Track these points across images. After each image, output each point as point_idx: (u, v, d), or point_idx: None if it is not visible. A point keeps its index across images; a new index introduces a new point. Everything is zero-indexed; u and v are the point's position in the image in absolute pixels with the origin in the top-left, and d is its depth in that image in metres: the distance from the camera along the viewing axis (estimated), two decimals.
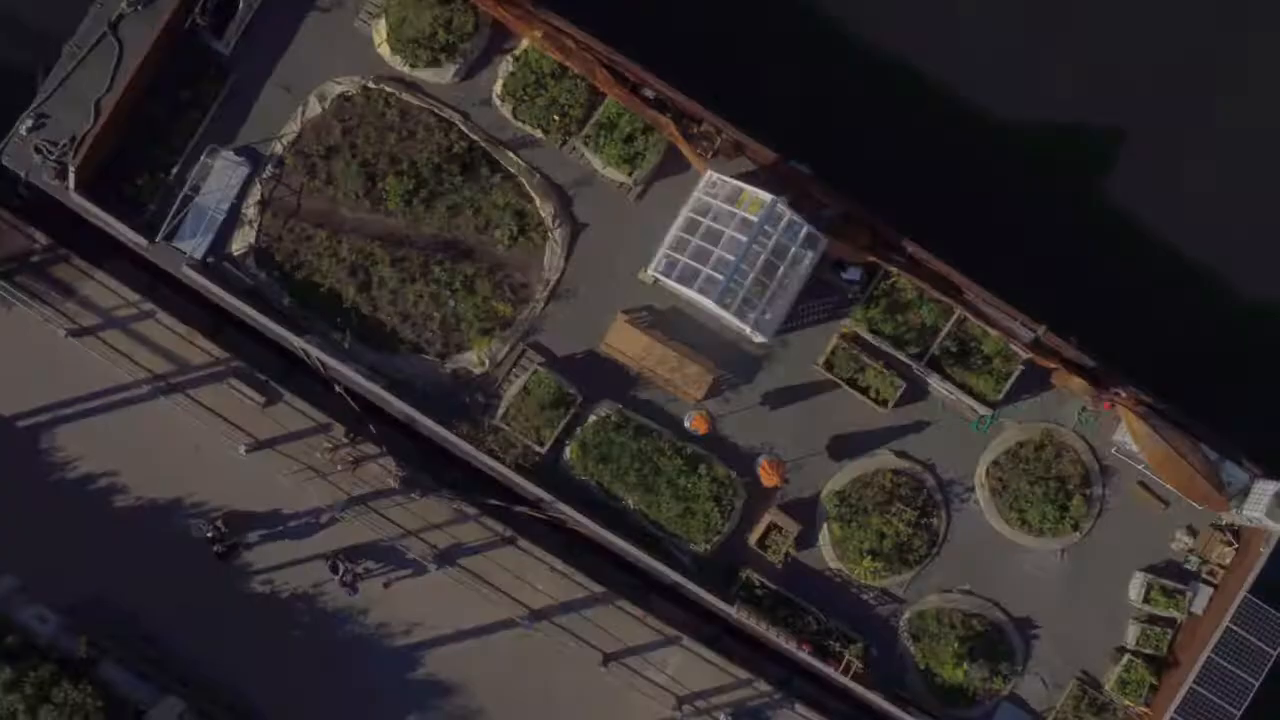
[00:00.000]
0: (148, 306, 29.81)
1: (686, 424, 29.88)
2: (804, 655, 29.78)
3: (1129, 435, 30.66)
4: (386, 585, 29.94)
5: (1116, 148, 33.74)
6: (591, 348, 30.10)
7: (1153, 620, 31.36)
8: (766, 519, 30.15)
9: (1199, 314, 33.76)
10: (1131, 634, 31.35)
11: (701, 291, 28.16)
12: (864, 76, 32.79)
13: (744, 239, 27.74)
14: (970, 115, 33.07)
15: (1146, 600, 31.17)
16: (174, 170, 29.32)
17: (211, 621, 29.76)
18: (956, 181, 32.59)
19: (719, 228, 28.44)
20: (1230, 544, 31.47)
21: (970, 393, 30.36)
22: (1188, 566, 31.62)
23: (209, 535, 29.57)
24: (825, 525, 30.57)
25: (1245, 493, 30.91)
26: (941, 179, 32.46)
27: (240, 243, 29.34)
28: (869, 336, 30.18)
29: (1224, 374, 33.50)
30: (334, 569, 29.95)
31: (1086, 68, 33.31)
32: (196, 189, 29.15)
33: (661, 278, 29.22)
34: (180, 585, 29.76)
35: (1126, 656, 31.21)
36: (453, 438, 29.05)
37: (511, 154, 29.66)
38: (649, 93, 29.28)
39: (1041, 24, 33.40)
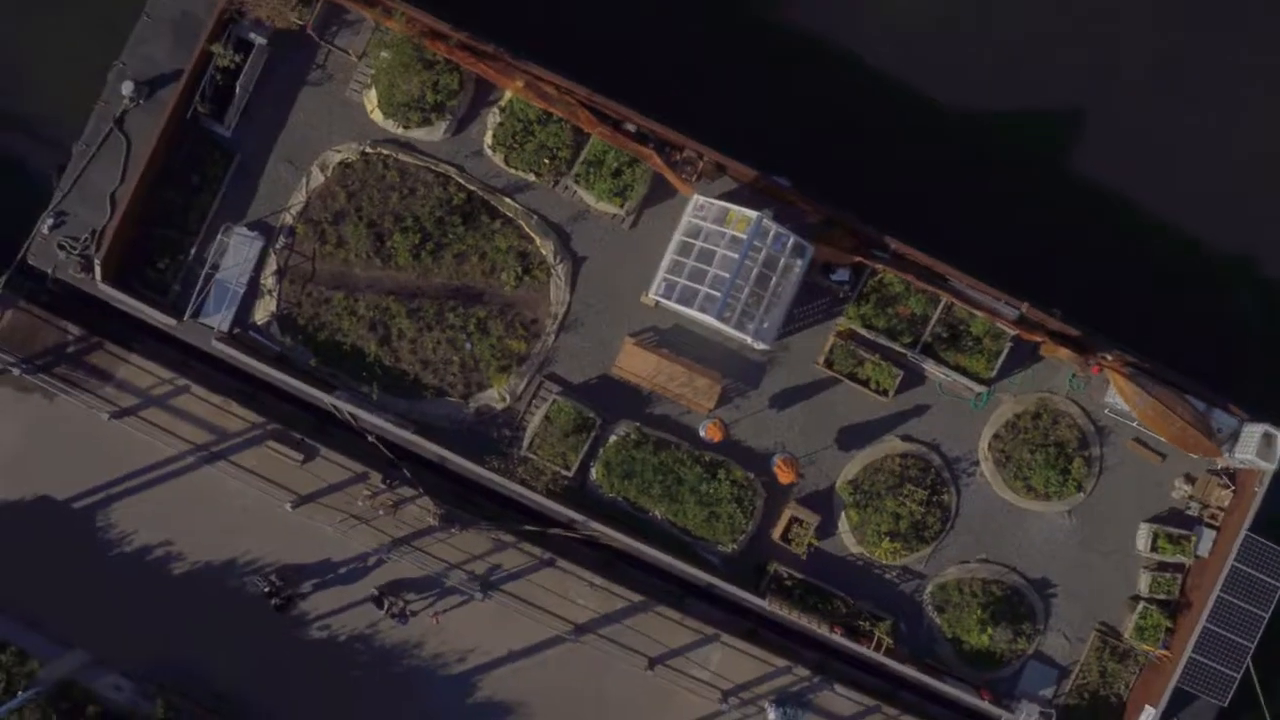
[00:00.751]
0: (182, 382, 31.00)
1: (701, 433, 30.91)
2: (836, 638, 30.93)
3: (1119, 396, 31.67)
4: (436, 618, 31.37)
5: (1064, 120, 34.74)
6: (604, 372, 31.14)
7: (1162, 567, 32.37)
8: (787, 514, 31.18)
9: (1171, 271, 34.66)
10: (1143, 582, 32.37)
11: (701, 309, 29.20)
12: (828, 85, 33.75)
13: (735, 256, 28.80)
14: (922, 105, 33.97)
15: (1154, 549, 32.15)
16: (192, 251, 30.52)
17: (277, 671, 31.12)
18: (924, 174, 33.53)
19: (711, 247, 29.47)
20: (1227, 487, 32.55)
21: (964, 373, 31.44)
22: (1189, 512, 32.66)
23: (265, 590, 31.01)
24: (843, 513, 31.67)
25: (1235, 437, 31.97)
26: (909, 174, 33.42)
27: (263, 312, 30.60)
28: (864, 331, 31.17)
29: (1196, 326, 34.54)
30: (379, 604, 31.18)
31: (1013, 43, 34.34)
32: (216, 266, 30.35)
33: (662, 300, 30.25)
34: (244, 641, 31.14)
35: (1141, 604, 32.25)
36: (484, 472, 30.25)
37: (508, 199, 30.81)
38: (630, 127, 30.39)
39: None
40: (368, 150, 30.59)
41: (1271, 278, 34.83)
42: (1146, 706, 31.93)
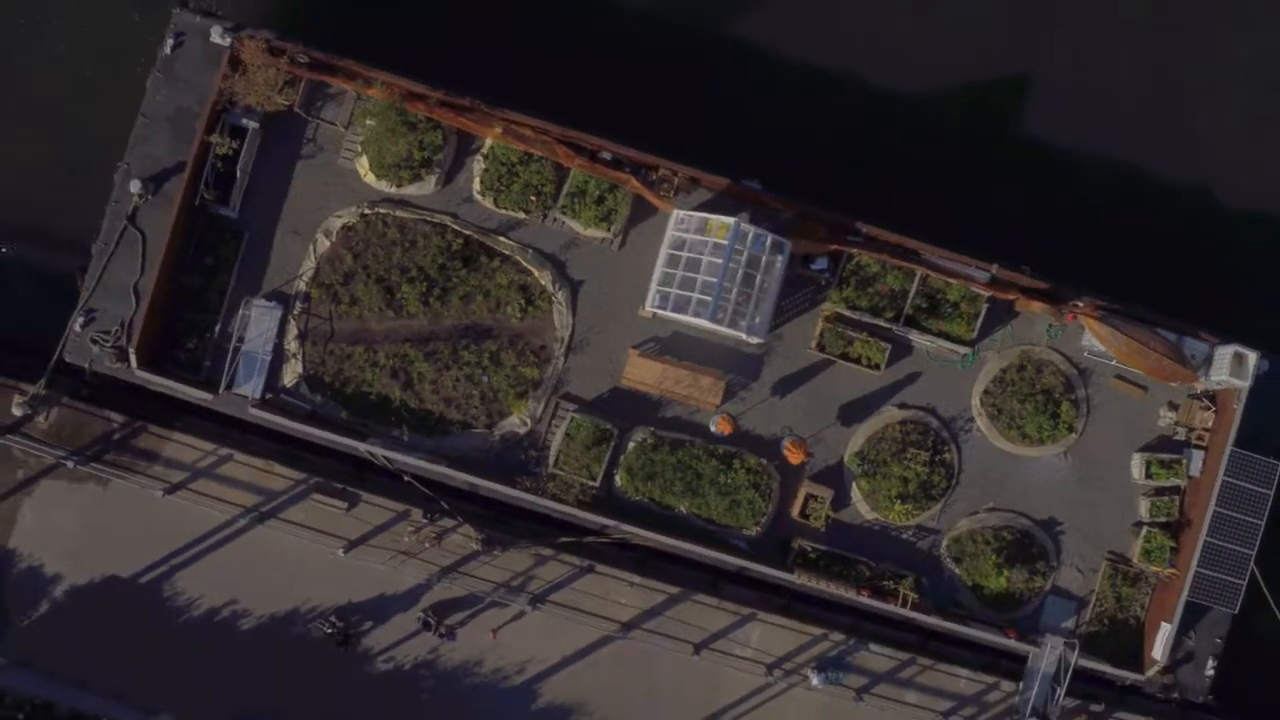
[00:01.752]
0: (225, 451, 32.83)
1: (712, 429, 32.52)
2: (865, 600, 32.49)
3: (1095, 338, 33.19)
4: (493, 634, 33.20)
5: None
6: (615, 385, 32.73)
7: (1159, 492, 33.78)
8: (802, 492, 32.76)
9: (1123, 211, 36.59)
10: (1143, 508, 33.77)
11: (695, 314, 30.81)
12: (779, 86, 35.91)
13: (720, 260, 30.38)
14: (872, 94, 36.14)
15: (1149, 476, 33.57)
16: (217, 327, 32.30)
17: (351, 708, 33.00)
18: (882, 156, 35.67)
19: (696, 256, 31.01)
20: (1208, 409, 33.79)
21: (948, 338, 32.93)
22: (1177, 438, 33.96)
23: (328, 631, 32.99)
24: (854, 484, 33.26)
25: (1209, 361, 33.25)
26: (868, 158, 35.59)
27: (291, 375, 32.45)
28: (849, 313, 32.64)
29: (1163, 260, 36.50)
30: (426, 625, 32.93)
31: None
32: (241, 339, 32.03)
33: (658, 311, 31.87)
34: (315, 684, 33.01)
35: (1144, 529, 33.67)
36: (517, 493, 31.99)
37: (502, 238, 32.57)
38: (606, 155, 32.12)
39: None
40: (366, 211, 32.38)
41: (1220, 201, 36.64)
42: (1163, 623, 33.26)
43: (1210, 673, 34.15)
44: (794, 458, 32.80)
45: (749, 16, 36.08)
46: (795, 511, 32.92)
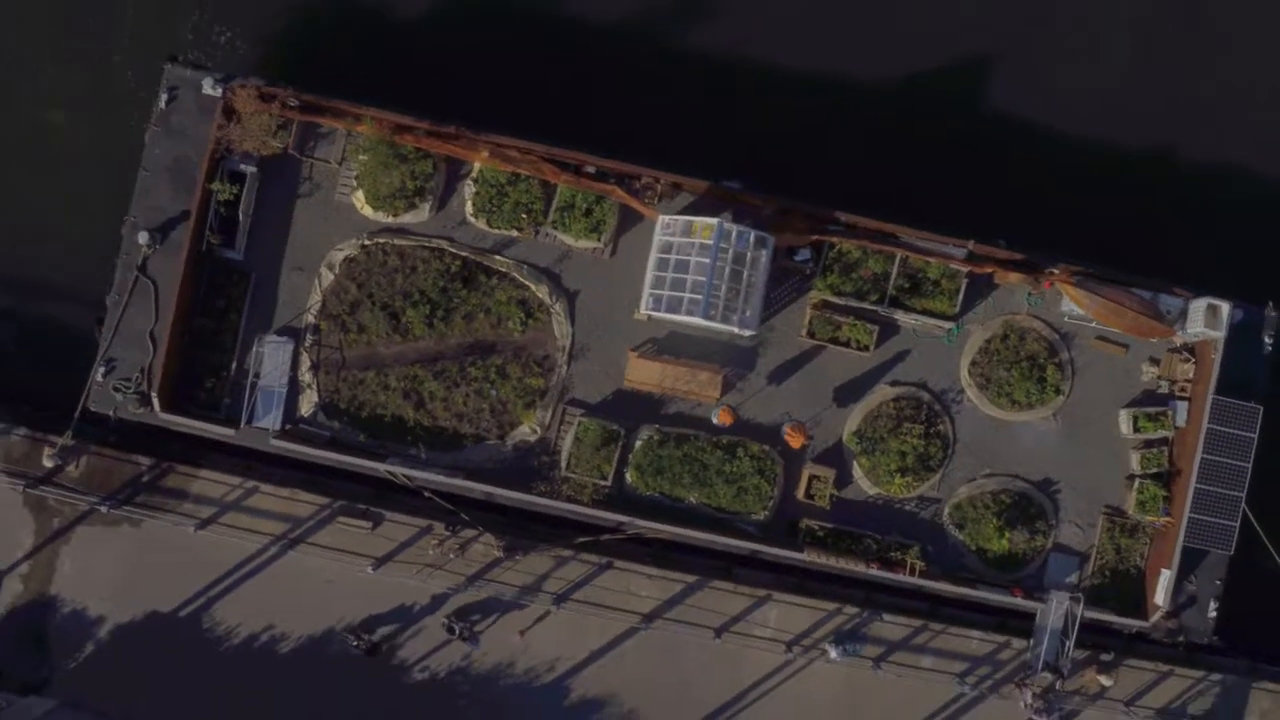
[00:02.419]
0: (251, 484, 33.96)
1: (714, 421, 33.63)
2: (874, 572, 33.57)
3: (1073, 303, 34.11)
4: (521, 635, 34.54)
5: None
6: (618, 387, 33.81)
7: (1148, 444, 34.57)
8: (805, 474, 33.83)
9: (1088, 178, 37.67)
10: (1135, 461, 34.58)
11: (688, 313, 31.74)
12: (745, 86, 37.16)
13: (707, 260, 31.38)
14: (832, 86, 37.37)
15: (1137, 430, 34.35)
16: (233, 365, 33.47)
17: (392, 719, 34.30)
18: (852, 145, 36.85)
19: (684, 258, 31.93)
20: (1188, 360, 34.55)
21: (932, 314, 33.95)
22: (1161, 391, 34.79)
23: (354, 644, 33.98)
24: (854, 462, 34.32)
25: (1184, 314, 34.07)
26: (838, 149, 36.77)
27: (307, 405, 33.66)
28: (835, 299, 33.63)
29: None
30: (450, 631, 34.14)
31: None
32: (257, 374, 33.15)
33: (653, 313, 32.82)
34: (355, 697, 34.17)
35: (1137, 481, 34.47)
36: (533, 498, 33.17)
37: (498, 257, 33.74)
38: (590, 169, 33.17)
39: None
40: (366, 242, 33.58)
41: (1180, 160, 37.86)
42: (1162, 570, 34.19)
43: (1213, 614, 34.97)
44: (795, 442, 33.96)
45: (699, 22, 37.18)
46: (800, 493, 33.96)
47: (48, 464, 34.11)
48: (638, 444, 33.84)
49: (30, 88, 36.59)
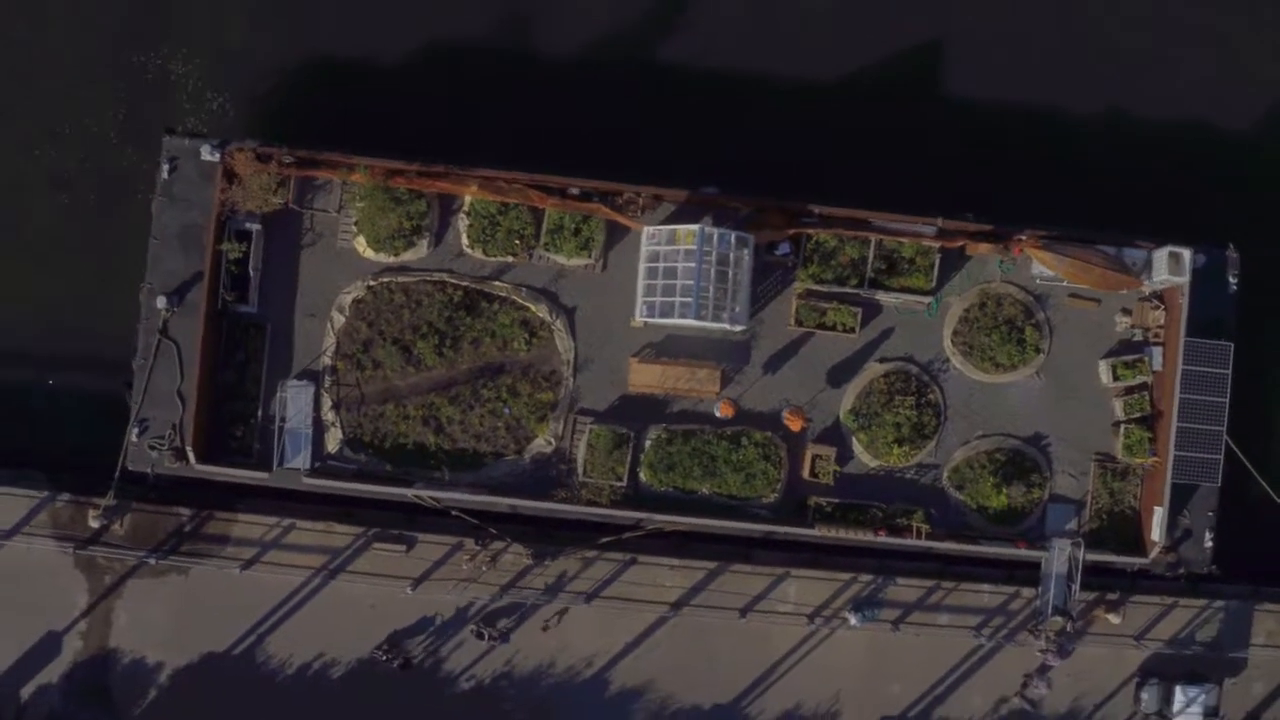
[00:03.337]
0: (287, 521, 35.56)
1: (716, 414, 34.89)
2: (883, 540, 34.83)
3: (1042, 266, 35.38)
4: (545, 627, 35.94)
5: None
6: (623, 393, 35.12)
7: (1129, 391, 35.64)
8: (808, 454, 35.07)
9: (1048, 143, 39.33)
10: (1118, 408, 35.68)
11: (681, 316, 33.08)
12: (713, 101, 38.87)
13: (693, 264, 32.80)
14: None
15: (1117, 378, 35.47)
16: (259, 413, 35.09)
17: None
18: (817, 140, 38.50)
19: (672, 264, 33.21)
20: (1158, 307, 35.63)
21: (910, 291, 35.07)
22: (1136, 339, 35.91)
23: (384, 660, 35.59)
24: (853, 438, 35.58)
25: (1148, 265, 35.23)
26: (803, 143, 38.39)
27: (333, 442, 35.23)
28: (817, 287, 34.87)
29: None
30: (479, 635, 35.77)
31: None
32: (283, 418, 34.69)
33: (648, 319, 34.40)
34: (409, 713, 35.85)
35: (1122, 427, 35.58)
36: (555, 505, 34.73)
37: (497, 283, 35.26)
38: (574, 191, 34.60)
39: None
40: (372, 283, 35.14)
41: (1128, 117, 39.48)
42: (1155, 508, 35.30)
43: (1209, 544, 36.09)
44: (794, 425, 35.36)
45: (656, 42, 38.87)
46: (805, 473, 35.19)
47: (94, 525, 35.78)
48: (648, 444, 35.32)
49: (33, 172, 38.19)
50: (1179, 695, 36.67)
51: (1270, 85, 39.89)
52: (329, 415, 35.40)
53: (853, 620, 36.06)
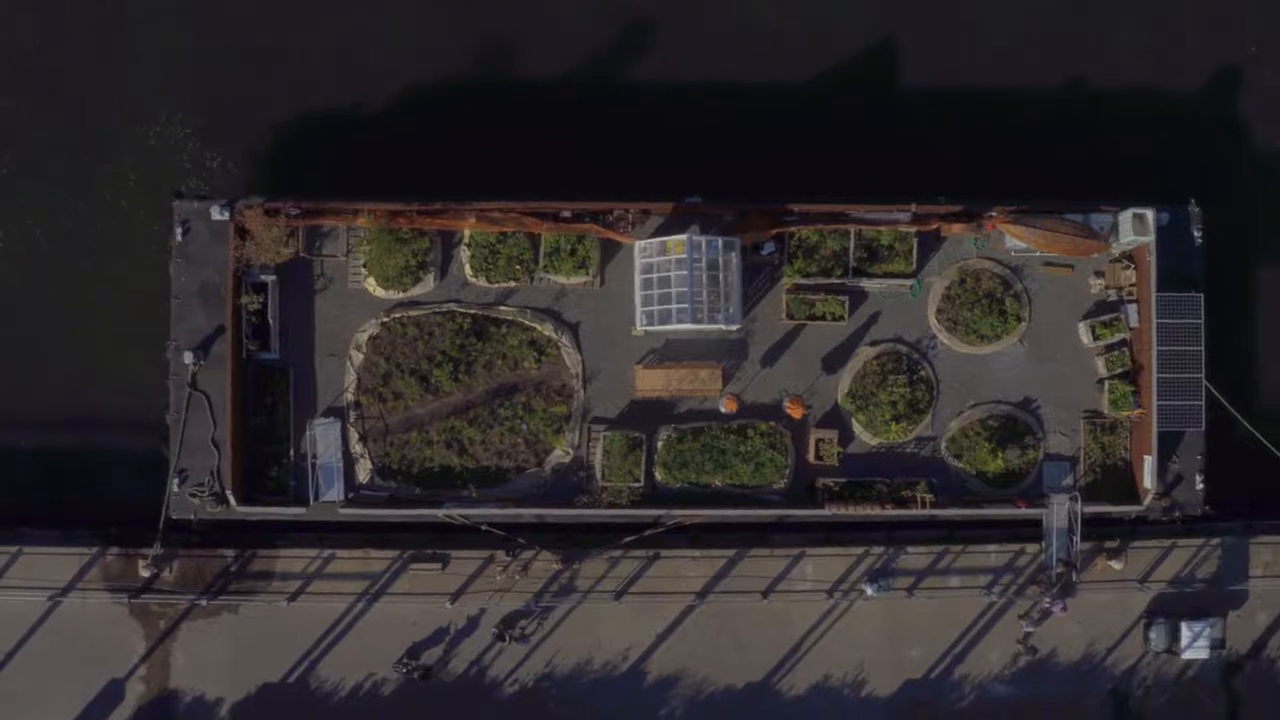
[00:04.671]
0: (327, 552, 37.17)
1: (721, 410, 36.26)
2: (890, 513, 36.06)
3: (1015, 239, 36.77)
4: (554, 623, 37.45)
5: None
6: (632, 399, 36.46)
7: (1109, 349, 36.83)
8: (812, 439, 36.44)
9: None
10: (1101, 366, 36.98)
11: (678, 321, 34.45)
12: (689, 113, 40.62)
13: (685, 272, 34.30)
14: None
15: (1096, 338, 36.76)
16: (291, 452, 36.74)
17: None
18: (785, 140, 40.17)
19: (665, 274, 34.62)
20: (1129, 267, 36.76)
21: (893, 276, 36.52)
22: (1111, 299, 37.09)
23: (405, 671, 36.97)
24: (852, 420, 36.87)
25: (1115, 228, 36.40)
26: (774, 145, 40.11)
27: (364, 472, 36.86)
28: (805, 281, 36.19)
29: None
30: (500, 638, 37.25)
31: None
32: (315, 455, 36.30)
33: (648, 328, 35.68)
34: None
35: (1106, 383, 36.88)
36: (578, 511, 36.34)
37: (502, 307, 36.73)
38: (566, 214, 36.13)
39: None
40: (385, 320, 36.69)
41: (1084, 88, 41.23)
42: (1145, 457, 36.53)
43: (1200, 487, 37.38)
44: (796, 413, 36.71)
45: (627, 63, 40.60)
46: (811, 457, 36.61)
47: (144, 574, 37.39)
48: (660, 444, 36.78)
49: (51, 246, 40.06)
50: (1185, 631, 38.03)
51: (1200, 52, 41.64)
52: (357, 448, 37.01)
53: (869, 591, 37.53)
